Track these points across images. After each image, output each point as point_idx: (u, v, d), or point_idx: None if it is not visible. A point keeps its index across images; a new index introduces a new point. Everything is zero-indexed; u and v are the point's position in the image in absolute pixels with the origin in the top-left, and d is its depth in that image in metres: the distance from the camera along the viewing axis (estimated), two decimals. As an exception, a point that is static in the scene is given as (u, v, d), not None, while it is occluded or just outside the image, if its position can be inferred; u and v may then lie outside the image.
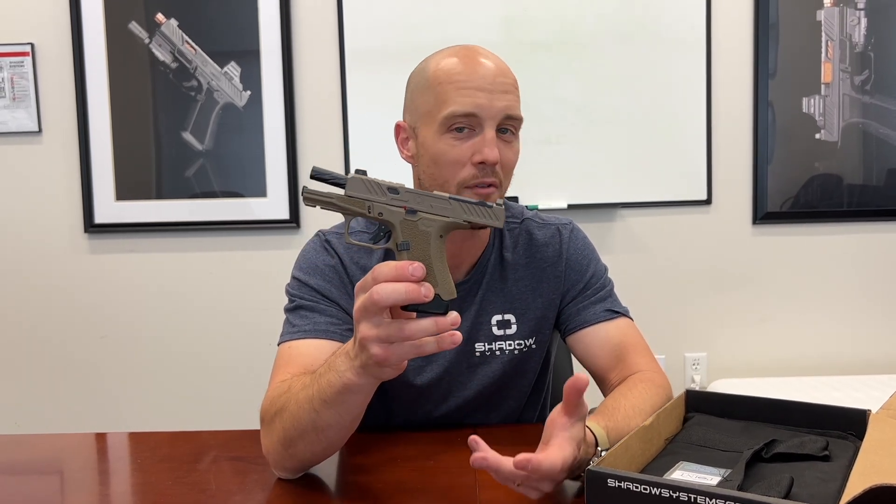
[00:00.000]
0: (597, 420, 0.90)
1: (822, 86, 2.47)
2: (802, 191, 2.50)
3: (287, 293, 1.12)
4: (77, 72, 2.48)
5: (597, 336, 1.16)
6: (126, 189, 2.52)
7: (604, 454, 0.83)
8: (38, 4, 2.49)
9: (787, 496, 0.72)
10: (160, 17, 2.47)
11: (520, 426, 1.19)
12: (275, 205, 2.51)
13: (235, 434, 1.13)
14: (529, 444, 1.08)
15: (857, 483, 0.64)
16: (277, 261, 2.40)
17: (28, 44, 2.49)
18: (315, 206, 0.81)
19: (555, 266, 1.17)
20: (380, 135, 2.23)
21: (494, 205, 0.83)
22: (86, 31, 2.47)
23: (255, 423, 0.99)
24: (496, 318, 1.15)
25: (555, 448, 0.77)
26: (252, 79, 2.48)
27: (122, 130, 2.50)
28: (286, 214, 2.51)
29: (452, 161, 1.03)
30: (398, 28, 2.44)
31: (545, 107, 2.47)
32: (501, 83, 1.03)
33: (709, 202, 2.52)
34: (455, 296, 0.79)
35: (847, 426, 0.88)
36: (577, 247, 1.19)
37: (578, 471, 0.82)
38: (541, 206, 2.44)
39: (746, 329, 2.56)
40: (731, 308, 2.55)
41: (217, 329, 2.57)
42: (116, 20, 2.47)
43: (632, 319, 1.19)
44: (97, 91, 2.49)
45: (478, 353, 1.14)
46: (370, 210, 0.80)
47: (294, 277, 1.12)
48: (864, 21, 2.45)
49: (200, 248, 2.55)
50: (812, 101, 2.47)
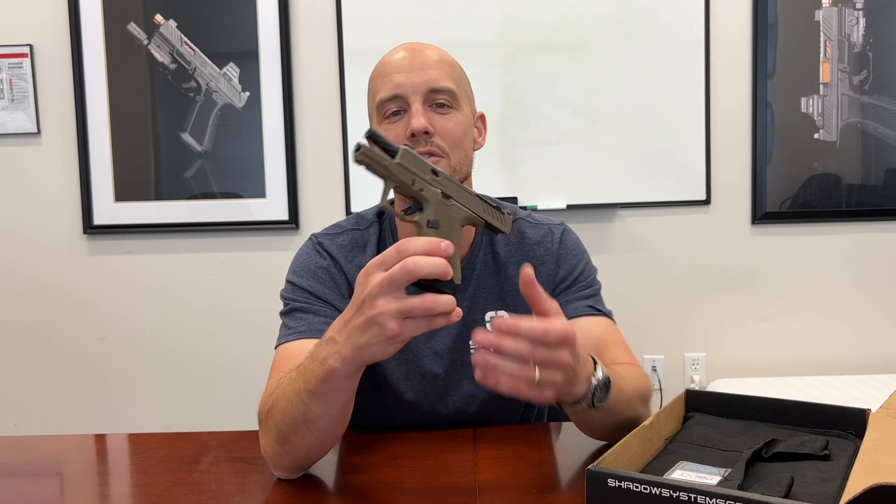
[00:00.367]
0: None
1: (821, 86, 2.48)
2: (801, 191, 2.51)
3: (282, 297, 1.14)
4: (76, 73, 2.48)
5: (578, 330, 1.15)
6: (125, 190, 2.51)
7: (600, 371, 0.86)
8: (37, 6, 2.49)
9: (788, 495, 0.72)
10: (159, 18, 2.47)
11: (521, 426, 1.19)
12: (274, 206, 2.51)
13: (235, 435, 1.13)
14: (532, 444, 1.08)
15: (858, 482, 0.64)
16: (276, 262, 2.39)
17: (27, 45, 2.49)
18: (362, 166, 0.83)
19: (545, 265, 1.17)
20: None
21: (506, 212, 0.92)
22: (84, 33, 2.47)
23: (255, 424, 0.99)
24: (489, 315, 1.15)
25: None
26: (251, 80, 2.49)
27: (121, 132, 2.50)
28: (285, 215, 2.51)
29: (392, 142, 1.06)
30: (397, 29, 2.44)
31: (544, 107, 2.47)
32: (422, 62, 1.08)
33: (708, 202, 2.52)
34: (461, 281, 0.83)
35: (847, 425, 0.88)
36: (568, 246, 1.19)
37: (577, 386, 0.83)
38: (540, 207, 2.44)
39: (746, 329, 2.56)
40: (731, 308, 2.55)
41: (216, 330, 2.57)
42: (115, 21, 2.47)
43: (614, 322, 1.18)
44: (96, 92, 2.49)
45: (472, 350, 1.14)
46: (413, 183, 0.84)
47: (288, 281, 1.14)
48: (863, 21, 2.45)
49: (199, 249, 2.55)
50: (811, 101, 2.48)
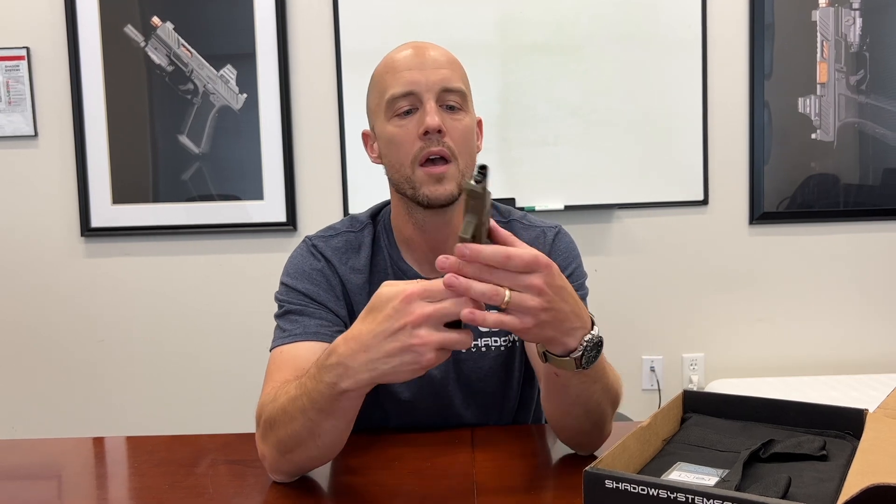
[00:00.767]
0: None
1: (818, 86, 2.48)
2: (799, 191, 2.51)
3: (276, 299, 1.13)
4: (73, 75, 2.47)
5: None
6: (122, 192, 2.51)
7: (596, 329, 0.84)
8: (34, 8, 2.48)
9: (785, 496, 0.72)
10: (156, 21, 2.47)
11: (519, 428, 1.19)
12: (271, 208, 2.51)
13: (233, 437, 1.13)
14: (530, 446, 1.08)
15: (855, 482, 0.64)
16: (274, 264, 2.38)
17: (24, 48, 2.48)
18: (470, 197, 0.76)
19: None
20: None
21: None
22: (81, 35, 2.47)
23: (253, 427, 0.98)
24: None
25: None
26: (248, 82, 2.48)
27: (119, 134, 2.50)
28: (283, 217, 2.51)
29: (402, 140, 1.06)
30: (394, 30, 2.44)
31: (542, 108, 2.47)
32: (434, 60, 1.07)
33: (705, 203, 2.52)
34: None
35: (844, 426, 0.88)
36: (561, 248, 1.19)
37: (569, 336, 0.82)
38: (538, 208, 2.44)
39: (744, 329, 2.56)
40: (729, 308, 2.56)
41: (214, 332, 2.56)
42: (112, 24, 2.47)
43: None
44: (93, 95, 2.48)
45: (464, 350, 1.14)
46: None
47: (282, 283, 1.14)
48: (859, 21, 2.46)
49: (197, 252, 2.55)
50: (808, 101, 2.48)
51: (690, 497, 0.66)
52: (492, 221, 0.79)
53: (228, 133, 2.50)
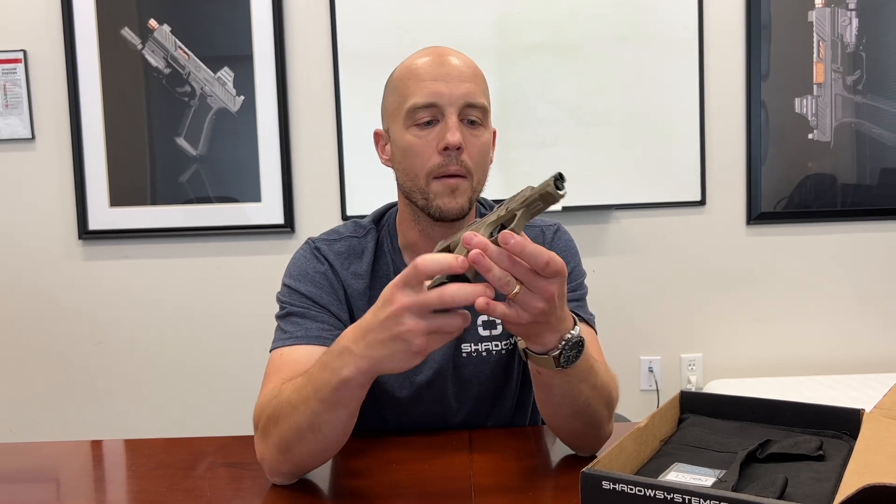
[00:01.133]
0: None
1: (815, 86, 2.48)
2: (796, 191, 2.51)
3: (278, 301, 1.13)
4: (70, 78, 2.47)
5: None
6: (120, 195, 2.51)
7: (577, 329, 0.85)
8: (31, 11, 2.48)
9: (782, 496, 0.72)
10: (153, 23, 2.47)
11: (516, 429, 1.19)
12: (269, 210, 2.51)
13: (231, 440, 1.13)
14: (527, 448, 1.08)
15: (851, 482, 0.65)
16: (272, 266, 2.40)
17: (20, 50, 2.48)
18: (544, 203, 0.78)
19: None
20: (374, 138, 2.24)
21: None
22: (78, 38, 2.47)
23: (251, 429, 0.98)
24: (482, 318, 1.15)
25: None
26: (245, 83, 2.48)
27: (116, 136, 2.50)
28: (281, 219, 2.51)
29: (419, 151, 1.05)
30: (391, 31, 2.45)
31: (539, 109, 2.47)
32: (459, 73, 1.05)
33: (703, 203, 2.52)
34: None
35: (841, 426, 0.88)
36: (560, 247, 1.19)
37: (548, 334, 0.83)
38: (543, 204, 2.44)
39: (742, 329, 2.56)
40: (727, 308, 2.56)
41: (212, 334, 2.56)
42: (109, 26, 2.47)
43: (594, 329, 1.16)
44: (90, 97, 2.48)
45: (464, 354, 1.14)
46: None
47: (284, 285, 1.13)
48: (856, 21, 2.46)
49: (195, 254, 2.55)
50: (804, 102, 2.48)
51: (687, 498, 0.66)
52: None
53: (226, 135, 2.50)
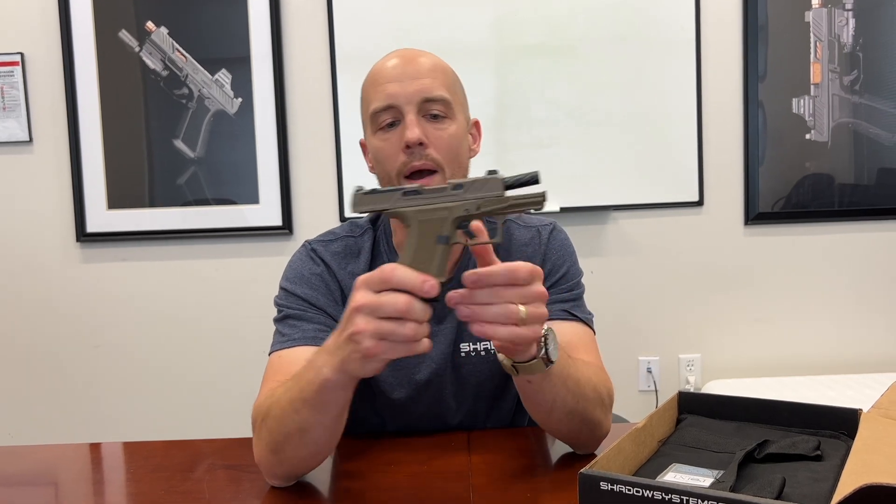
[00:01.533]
0: None
1: (812, 86, 2.49)
2: (794, 191, 2.51)
3: (275, 304, 1.13)
4: (67, 81, 2.47)
5: None
6: (118, 197, 2.51)
7: (545, 325, 0.84)
8: (28, 14, 2.48)
9: (780, 496, 0.72)
10: (150, 26, 2.47)
11: (515, 430, 1.19)
12: (267, 211, 2.51)
13: (229, 442, 1.13)
14: (526, 449, 1.08)
15: (849, 482, 0.65)
16: (270, 268, 2.39)
17: (18, 53, 2.48)
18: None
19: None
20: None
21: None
22: (76, 40, 2.47)
23: (249, 431, 0.99)
24: None
25: None
26: (243, 86, 2.48)
27: (114, 139, 2.50)
28: (279, 221, 2.51)
29: (387, 154, 1.07)
30: (389, 33, 2.45)
31: (536, 110, 2.47)
32: (415, 70, 1.06)
33: (700, 203, 2.52)
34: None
35: (839, 425, 0.88)
36: (556, 246, 1.19)
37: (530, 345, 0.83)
38: (533, 210, 2.44)
39: (740, 329, 2.56)
40: (725, 309, 2.56)
41: (211, 336, 2.56)
42: (106, 29, 2.47)
43: (592, 329, 1.15)
44: (88, 100, 2.48)
45: (463, 354, 1.14)
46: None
47: (281, 288, 1.14)
48: (852, 22, 2.47)
49: (193, 256, 2.55)
50: (802, 102, 2.49)
51: (685, 498, 0.66)
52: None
53: (223, 137, 2.50)
